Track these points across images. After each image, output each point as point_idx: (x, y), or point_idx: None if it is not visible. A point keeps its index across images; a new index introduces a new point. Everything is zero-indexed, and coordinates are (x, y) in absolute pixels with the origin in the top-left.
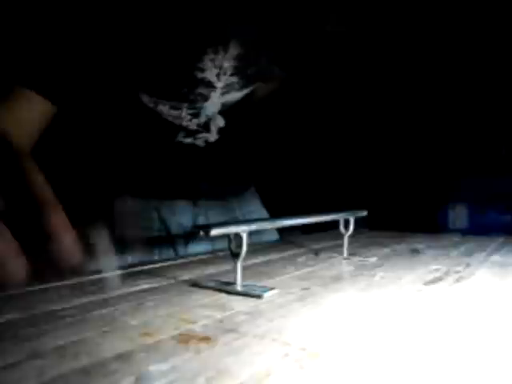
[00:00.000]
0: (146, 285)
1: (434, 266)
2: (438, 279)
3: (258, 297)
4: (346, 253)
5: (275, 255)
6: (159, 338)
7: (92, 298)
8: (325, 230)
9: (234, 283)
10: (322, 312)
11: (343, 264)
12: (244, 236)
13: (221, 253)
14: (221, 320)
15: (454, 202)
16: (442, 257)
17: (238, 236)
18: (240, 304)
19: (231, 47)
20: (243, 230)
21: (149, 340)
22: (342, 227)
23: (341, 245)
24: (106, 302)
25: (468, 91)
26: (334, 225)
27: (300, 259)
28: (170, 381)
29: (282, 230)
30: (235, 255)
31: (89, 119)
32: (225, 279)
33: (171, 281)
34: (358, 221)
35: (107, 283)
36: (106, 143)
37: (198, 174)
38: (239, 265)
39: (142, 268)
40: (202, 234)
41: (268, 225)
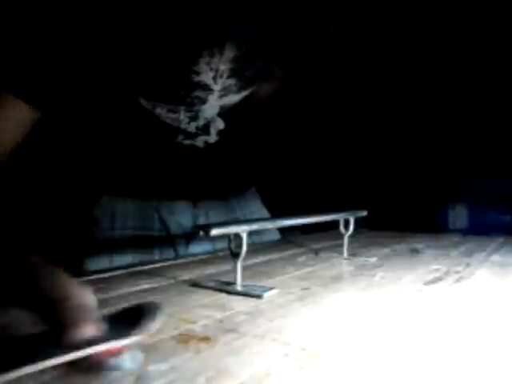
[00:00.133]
0: (146, 285)
1: (434, 266)
2: (438, 279)
3: (258, 297)
4: (346, 253)
5: (275, 255)
6: (159, 337)
7: None
8: (325, 230)
9: (234, 283)
10: (321, 312)
11: (343, 264)
12: (244, 236)
13: (221, 253)
14: (221, 320)
15: (454, 202)
16: (442, 257)
17: (237, 236)
18: (240, 304)
19: (227, 49)
20: (243, 229)
21: (148, 340)
22: (342, 227)
23: (341, 245)
24: (106, 302)
25: (468, 91)
26: (334, 225)
27: (300, 259)
28: (169, 381)
29: (283, 230)
30: (235, 255)
31: (88, 123)
32: (225, 279)
33: (171, 281)
34: (357, 221)
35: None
36: (105, 145)
37: (197, 174)
38: (239, 265)
39: (142, 268)
40: (202, 233)
41: (268, 225)
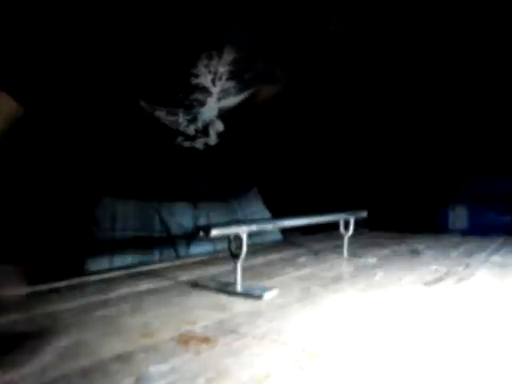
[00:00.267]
0: (146, 286)
1: (434, 267)
2: (438, 280)
3: (258, 297)
4: (346, 253)
5: (275, 256)
6: (159, 338)
7: (92, 298)
8: (325, 231)
9: (234, 284)
10: (321, 313)
11: (343, 265)
12: (244, 237)
13: (221, 254)
14: (221, 321)
15: (454, 202)
16: (442, 257)
17: (237, 237)
18: (240, 305)
19: (226, 52)
20: (243, 230)
21: (149, 341)
22: (342, 228)
23: (341, 245)
24: (106, 303)
25: (468, 91)
26: (335, 225)
27: (300, 260)
28: (169, 382)
29: (284, 231)
30: (235, 256)
31: (90, 125)
32: (225, 280)
33: (171, 282)
34: (358, 221)
35: None
36: (106, 147)
37: (197, 176)
38: (239, 265)
39: (142, 269)
40: (202, 234)
41: (268, 226)
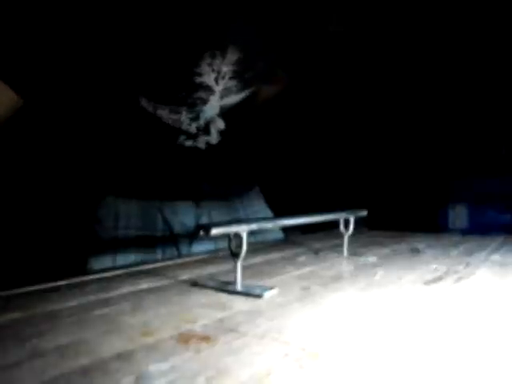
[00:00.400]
0: (146, 284)
1: (434, 266)
2: (438, 279)
3: (258, 296)
4: (346, 252)
5: (275, 255)
6: (159, 337)
7: (92, 297)
8: (325, 230)
9: (234, 283)
10: (321, 312)
11: (343, 264)
12: (244, 235)
13: (221, 252)
14: (221, 320)
15: (454, 201)
16: (442, 256)
17: (237, 235)
18: (240, 303)
19: (229, 52)
20: (243, 229)
21: (149, 339)
22: (342, 227)
23: (341, 244)
24: (106, 302)
25: (468, 91)
26: (335, 224)
27: (300, 259)
28: (169, 380)
29: (284, 230)
30: (235, 255)
31: (93, 125)
32: (225, 279)
33: (171, 280)
34: (358, 220)
35: None
36: (109, 146)
37: (200, 175)
38: (239, 264)
39: (142, 268)
40: (202, 233)
41: (268, 224)
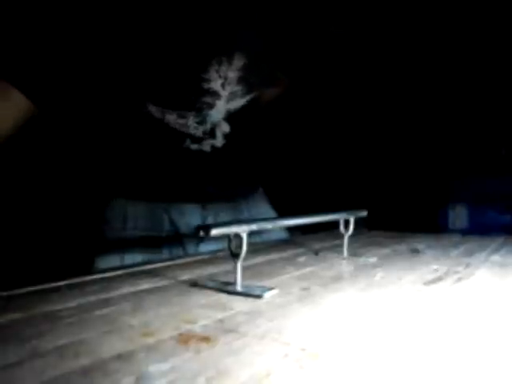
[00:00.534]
0: (146, 285)
1: (434, 266)
2: (438, 279)
3: (258, 297)
4: (346, 253)
5: (275, 255)
6: (159, 337)
7: (92, 297)
8: (325, 230)
9: (234, 283)
10: (321, 312)
11: (343, 264)
12: (244, 236)
13: (221, 253)
14: (221, 320)
15: (454, 202)
16: (442, 257)
17: (238, 236)
18: (240, 304)
19: (235, 58)
20: (243, 230)
21: (149, 340)
22: (342, 227)
23: (341, 245)
24: (106, 302)
25: (467, 91)
26: (335, 225)
27: (300, 259)
28: (169, 381)
29: (294, 229)
30: (235, 255)
31: (103, 131)
32: (225, 279)
33: (171, 281)
34: (357, 221)
35: None
36: (117, 150)
37: (205, 178)
38: (239, 265)
39: (142, 268)
40: (201, 233)
41: (267, 225)
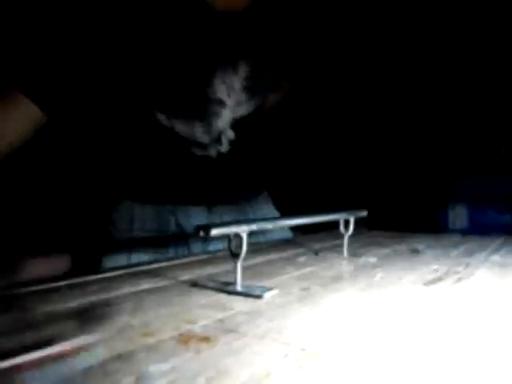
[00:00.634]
0: (146, 285)
1: (434, 266)
2: (438, 279)
3: (258, 297)
4: (346, 253)
5: (275, 255)
6: (160, 337)
7: (93, 297)
8: (325, 230)
9: (234, 283)
10: (321, 312)
11: (343, 264)
12: (244, 236)
13: (220, 253)
14: (221, 320)
15: (454, 202)
16: (442, 257)
17: (238, 236)
18: (240, 304)
19: (240, 68)
20: (243, 230)
21: (149, 340)
22: (342, 227)
23: (341, 245)
24: (107, 302)
25: (467, 91)
26: (335, 225)
27: (300, 259)
28: (170, 381)
29: (295, 229)
30: (235, 255)
31: (110, 135)
32: (225, 279)
33: (172, 281)
34: (358, 221)
35: None
36: (126, 155)
37: (211, 181)
38: (239, 265)
39: (143, 268)
40: (201, 233)
41: (267, 225)
